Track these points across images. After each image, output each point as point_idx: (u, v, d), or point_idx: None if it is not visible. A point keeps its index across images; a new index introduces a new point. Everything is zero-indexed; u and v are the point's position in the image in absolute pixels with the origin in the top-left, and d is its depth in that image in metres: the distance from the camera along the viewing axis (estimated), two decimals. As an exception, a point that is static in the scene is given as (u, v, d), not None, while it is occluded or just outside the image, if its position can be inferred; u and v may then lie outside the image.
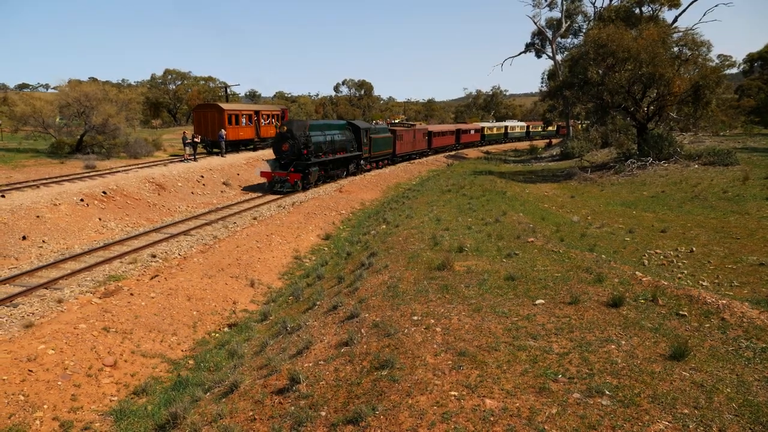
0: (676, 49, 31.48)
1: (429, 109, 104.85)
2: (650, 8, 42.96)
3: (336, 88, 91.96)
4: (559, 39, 54.88)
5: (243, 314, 11.27)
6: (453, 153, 52.58)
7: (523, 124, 76.96)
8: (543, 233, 14.03)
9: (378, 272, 10.32)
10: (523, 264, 10.43)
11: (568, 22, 53.95)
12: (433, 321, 7.35)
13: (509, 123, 74.15)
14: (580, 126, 55.47)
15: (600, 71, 30.49)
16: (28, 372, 7.38)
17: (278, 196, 25.12)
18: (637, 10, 42.70)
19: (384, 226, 16.57)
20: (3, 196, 20.90)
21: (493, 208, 17.77)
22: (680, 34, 33.80)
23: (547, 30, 55.55)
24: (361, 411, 5.29)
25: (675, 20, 44.96)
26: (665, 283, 9.01)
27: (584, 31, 51.58)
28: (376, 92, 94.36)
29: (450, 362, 6.13)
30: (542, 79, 57.85)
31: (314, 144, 26.17)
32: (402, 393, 5.56)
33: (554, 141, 65.41)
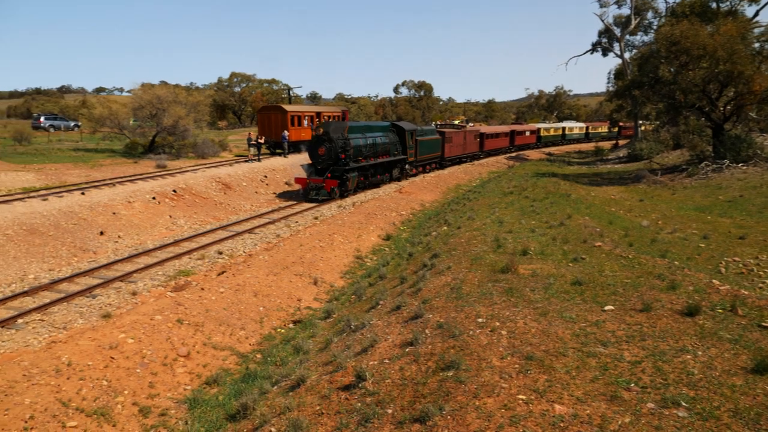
0: (757, 45, 29.72)
1: (489, 110, 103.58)
2: (728, 3, 40.69)
3: (396, 90, 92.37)
4: (627, 36, 52.90)
5: (307, 311, 11.54)
6: (511, 155, 51.47)
7: (582, 125, 73.75)
8: (611, 237, 13.61)
9: (441, 274, 10.33)
10: (590, 269, 10.17)
11: (638, 19, 51.89)
12: (498, 324, 7.30)
13: (567, 124, 71.11)
14: (647, 126, 53.20)
15: (672, 69, 29.19)
16: (110, 359, 7.86)
17: (315, 203, 23.39)
18: (714, 5, 40.57)
19: (445, 228, 16.54)
20: (83, 194, 22.26)
21: (557, 211, 17.38)
22: (762, 29, 31.87)
23: (615, 28, 53.65)
24: (428, 410, 5.33)
25: (756, 15, 42.46)
26: (745, 293, 8.57)
27: (655, 28, 49.48)
28: (435, 93, 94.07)
29: (517, 366, 6.08)
30: (609, 78, 55.93)
31: (353, 147, 24.42)
32: (469, 394, 5.56)
33: (621, 142, 62.78)
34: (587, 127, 73.24)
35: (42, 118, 57.23)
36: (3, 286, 12.97)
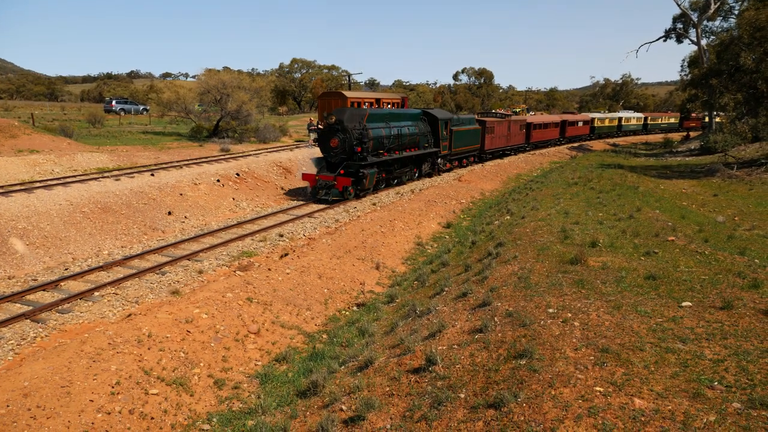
0: None
1: (551, 99, 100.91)
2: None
3: (455, 77, 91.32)
4: (705, 22, 50.01)
5: (370, 295, 11.66)
6: (573, 146, 49.45)
7: (640, 115, 69.01)
8: (684, 232, 13.03)
9: (507, 263, 10.19)
10: (663, 263, 9.78)
11: (717, 3, 48.96)
12: (570, 315, 7.14)
13: (624, 114, 66.55)
14: (721, 118, 50.27)
15: (755, 57, 27.48)
16: (186, 332, 8.20)
17: (325, 204, 20.03)
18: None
19: (508, 217, 16.29)
20: (152, 175, 23.20)
21: (625, 203, 16.79)
22: None
23: (692, 12, 50.81)
24: (503, 397, 5.29)
25: None
26: (838, 294, 8.01)
27: (736, 12, 46.54)
28: (495, 81, 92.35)
29: (592, 358, 5.93)
30: (682, 66, 53.02)
31: (374, 139, 20.91)
32: (543, 383, 5.48)
33: (692, 134, 59.42)
34: (646, 118, 68.65)
35: (113, 102, 59.94)
36: (80, 260, 13.73)
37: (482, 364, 6.26)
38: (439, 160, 27.70)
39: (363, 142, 20.10)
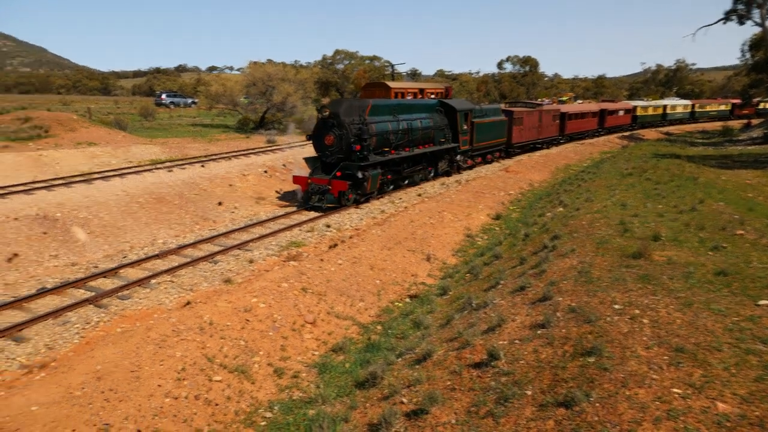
0: None
1: (599, 86, 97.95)
2: None
3: (499, 65, 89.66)
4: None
5: (422, 287, 11.57)
6: (624, 135, 47.24)
7: (687, 102, 64.42)
8: (753, 226, 12.39)
9: (564, 256, 9.92)
10: (734, 258, 9.31)
11: (784, -18, 46.23)
12: (638, 312, 6.86)
13: (669, 101, 62.06)
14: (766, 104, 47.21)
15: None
16: (246, 321, 8.31)
17: (320, 212, 17.35)
18: None
19: (561, 209, 15.88)
20: (203, 166, 23.69)
21: (685, 195, 16.11)
22: None
23: (757, -8, 48.09)
24: (574, 395, 5.12)
25: None
26: None
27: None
28: (541, 69, 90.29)
29: (666, 357, 5.68)
30: (742, 50, 50.22)
31: (377, 134, 18.29)
32: (616, 383, 5.27)
33: (754, 122, 56.03)
34: (693, 106, 64.04)
35: (164, 96, 61.57)
36: (137, 249, 14.12)
37: (547, 360, 6.09)
38: (459, 156, 24.68)
39: (363, 138, 17.32)
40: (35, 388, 6.21)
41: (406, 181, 21.46)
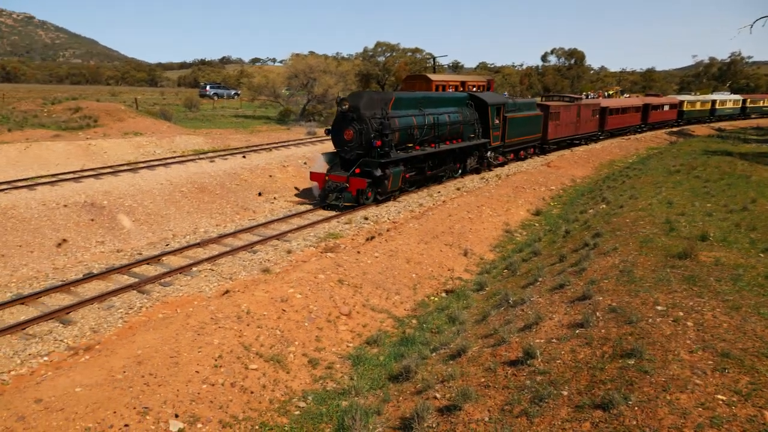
0: None
1: (647, 80, 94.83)
2: None
3: (543, 58, 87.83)
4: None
5: (458, 282, 11.48)
6: (672, 130, 45.41)
7: (738, 97, 60.88)
8: (809, 227, 11.81)
9: (606, 254, 9.66)
10: (788, 261, 8.89)
11: None
12: (682, 314, 6.63)
13: (719, 96, 58.94)
14: None
15: None
16: (282, 311, 8.42)
17: (337, 210, 16.48)
18: None
19: (604, 206, 15.49)
20: (244, 157, 24.07)
21: (736, 193, 15.47)
22: None
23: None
24: (612, 398, 4.98)
25: None
26: None
27: None
28: (587, 62, 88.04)
29: (710, 362, 5.46)
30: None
31: (400, 129, 17.33)
32: (657, 387, 5.11)
33: None
34: (744, 101, 60.67)
35: (208, 87, 62.82)
36: (179, 237, 14.47)
37: (585, 361, 5.94)
38: (489, 153, 23.40)
39: (384, 134, 16.30)
40: (80, 370, 6.44)
41: (432, 180, 20.40)
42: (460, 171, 22.04)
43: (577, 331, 6.66)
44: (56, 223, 13.82)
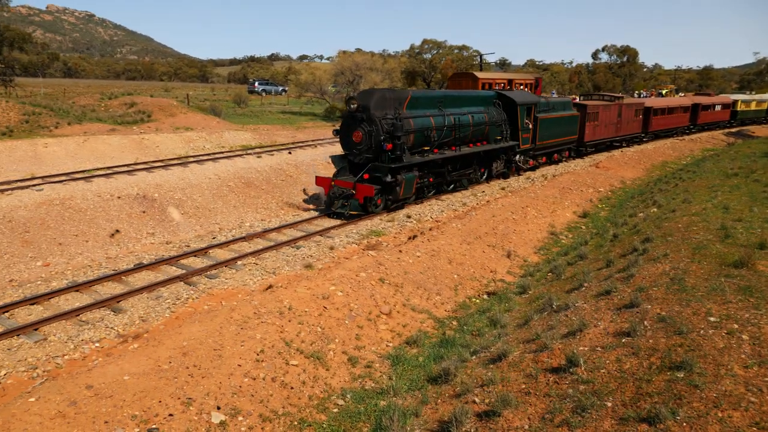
0: None
1: (704, 78, 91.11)
2: None
3: (594, 55, 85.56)
4: None
5: (501, 284, 11.32)
6: (730, 131, 42.85)
7: None
8: None
9: (656, 261, 9.32)
10: None
11: None
12: (736, 326, 6.32)
13: None
14: None
15: None
16: (323, 308, 8.49)
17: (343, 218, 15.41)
18: None
19: (655, 209, 14.96)
20: (290, 153, 24.41)
21: (799, 199, 14.65)
22: None
23: None
24: (659, 412, 4.80)
25: None
26: None
27: None
28: (640, 59, 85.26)
29: (767, 379, 5.19)
30: None
31: (415, 131, 16.07)
32: (708, 402, 4.89)
33: None
34: None
35: (256, 84, 63.98)
36: (226, 230, 14.80)
37: (631, 371, 5.75)
38: (518, 156, 21.82)
39: (396, 136, 15.02)
40: (128, 359, 6.68)
41: (452, 185, 19.04)
42: (485, 176, 20.68)
43: (624, 340, 6.45)
44: (110, 214, 14.37)
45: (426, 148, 16.85)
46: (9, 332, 8.37)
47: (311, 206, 17.80)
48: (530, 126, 21.82)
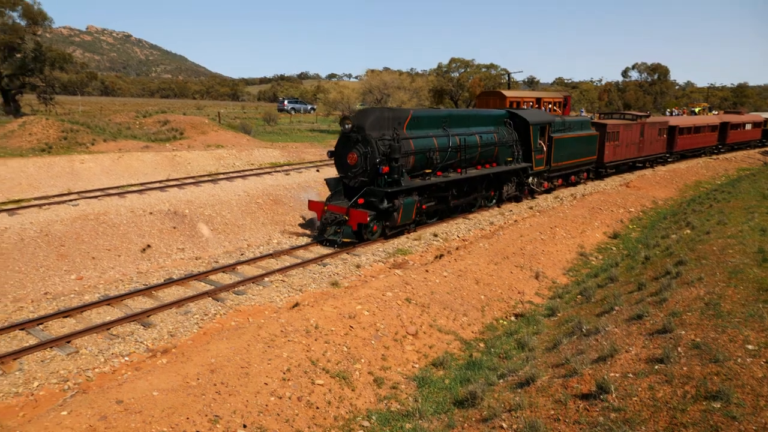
0: None
1: (739, 96, 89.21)
2: None
3: (624, 73, 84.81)
4: None
5: (529, 306, 11.17)
6: (764, 150, 41.50)
7: None
8: None
9: (690, 284, 9.08)
10: None
11: None
12: (776, 355, 6.10)
13: None
14: None
15: None
16: (349, 327, 8.49)
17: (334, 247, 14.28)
18: None
19: (688, 231, 14.61)
20: (318, 170, 24.64)
21: (842, 222, 14.15)
22: None
23: None
24: (695, 445, 4.65)
25: None
26: None
27: None
28: (671, 77, 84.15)
29: (810, 412, 4.99)
30: None
31: (415, 152, 15.15)
32: (746, 436, 4.72)
33: None
34: None
35: (285, 102, 65.08)
36: (254, 247, 14.94)
37: (665, 400, 5.59)
38: (531, 179, 20.80)
39: (393, 158, 14.08)
40: (157, 374, 6.76)
41: (459, 210, 18.04)
42: (495, 200, 19.61)
43: (656, 367, 6.28)
44: (142, 230, 14.67)
45: (428, 170, 15.90)
46: (42, 344, 8.57)
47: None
48: (544, 147, 20.89)
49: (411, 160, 15.10)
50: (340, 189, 15.33)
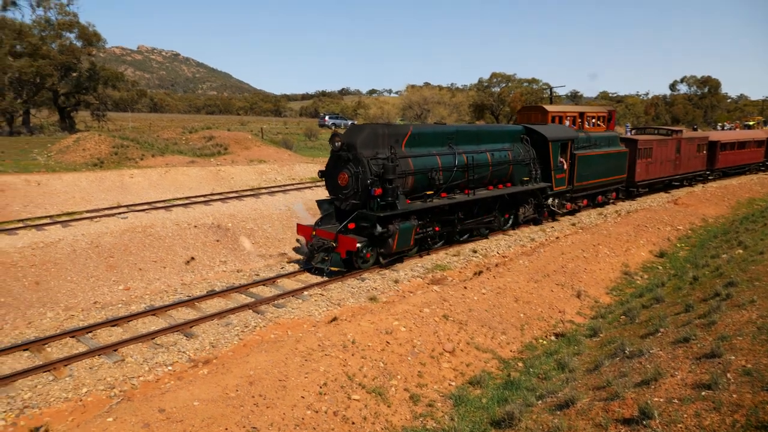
0: None
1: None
2: None
3: (672, 87, 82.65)
4: None
5: (570, 325, 10.93)
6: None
7: None
8: None
9: (741, 307, 8.72)
10: None
11: None
12: (835, 384, 5.78)
13: None
14: None
15: None
16: (386, 343, 8.50)
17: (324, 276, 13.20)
18: None
19: (740, 251, 14.06)
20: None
21: None
22: None
23: None
24: (745, 477, 4.45)
25: None
26: None
27: None
28: (723, 90, 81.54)
29: None
30: None
31: (414, 172, 13.87)
32: (801, 469, 4.48)
33: None
34: None
35: (326, 117, 66.07)
36: (293, 261, 15.15)
37: (712, 428, 5.37)
38: (552, 200, 19.37)
39: (387, 179, 12.83)
40: (198, 385, 6.92)
41: (467, 235, 16.62)
42: (510, 223, 18.16)
43: (704, 393, 6.04)
44: (186, 242, 15.10)
45: (430, 192, 14.51)
46: (91, 352, 8.90)
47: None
48: (565, 165, 19.33)
49: (410, 181, 13.85)
50: (332, 212, 14.18)
